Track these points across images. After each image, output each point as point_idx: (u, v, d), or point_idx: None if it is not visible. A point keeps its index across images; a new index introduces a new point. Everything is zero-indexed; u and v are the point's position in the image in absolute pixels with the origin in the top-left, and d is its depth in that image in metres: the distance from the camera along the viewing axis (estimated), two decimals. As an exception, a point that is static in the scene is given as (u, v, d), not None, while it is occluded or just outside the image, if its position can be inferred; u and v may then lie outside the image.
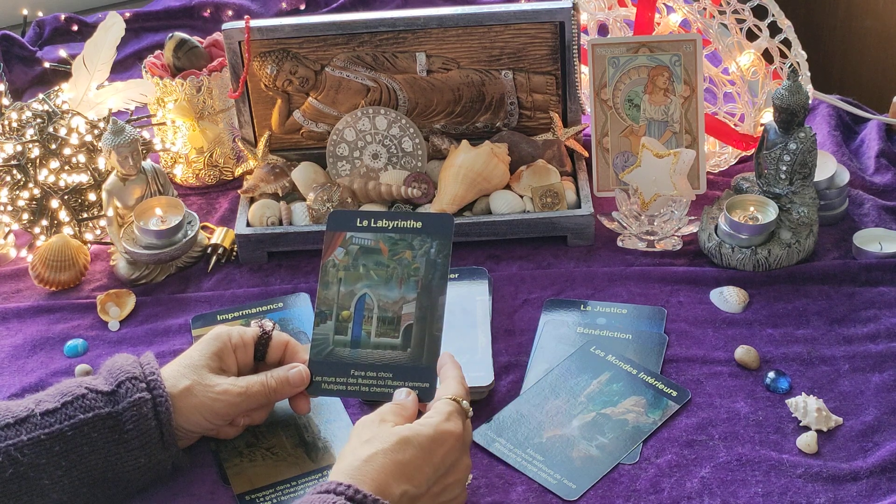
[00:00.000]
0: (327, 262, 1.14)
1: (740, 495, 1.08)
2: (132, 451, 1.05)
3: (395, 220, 1.13)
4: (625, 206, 1.39)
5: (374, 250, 1.13)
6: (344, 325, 1.12)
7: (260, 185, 1.46)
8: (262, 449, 1.14)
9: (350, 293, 1.13)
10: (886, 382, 1.19)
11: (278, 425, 1.17)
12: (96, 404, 1.05)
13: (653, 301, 1.31)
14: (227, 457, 1.13)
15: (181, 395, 1.07)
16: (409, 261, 1.12)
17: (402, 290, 1.11)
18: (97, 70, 1.50)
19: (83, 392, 1.05)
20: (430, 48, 1.46)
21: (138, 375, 1.07)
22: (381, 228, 1.13)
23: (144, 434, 1.05)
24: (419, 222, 1.13)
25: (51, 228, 1.43)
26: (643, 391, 1.19)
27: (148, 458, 1.06)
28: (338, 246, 1.14)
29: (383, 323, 1.11)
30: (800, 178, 1.34)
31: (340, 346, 1.11)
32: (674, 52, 1.41)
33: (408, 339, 1.10)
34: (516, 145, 1.46)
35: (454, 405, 1.02)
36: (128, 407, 1.05)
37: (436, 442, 0.98)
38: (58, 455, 1.02)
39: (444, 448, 0.99)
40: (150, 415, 1.05)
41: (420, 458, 0.97)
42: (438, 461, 0.98)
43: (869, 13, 2.09)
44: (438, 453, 0.98)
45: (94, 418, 1.04)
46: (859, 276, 1.33)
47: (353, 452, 0.98)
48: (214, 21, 1.93)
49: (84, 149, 1.43)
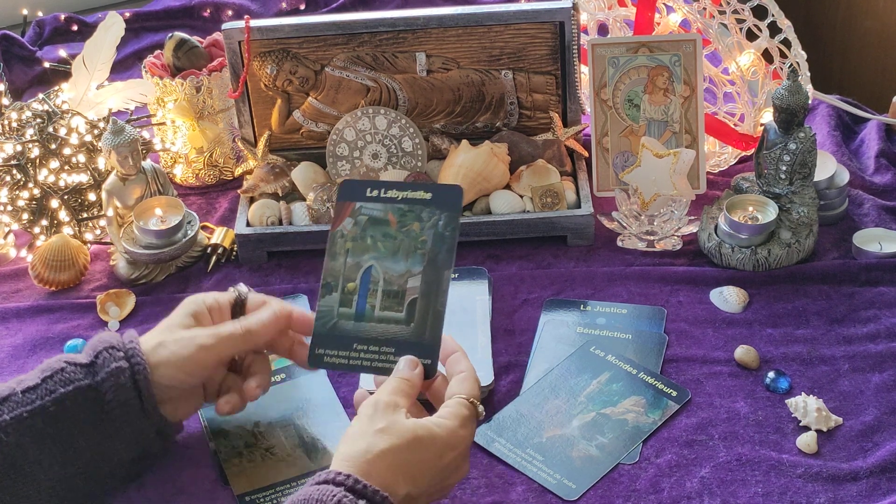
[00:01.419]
0: (335, 233, 1.11)
1: (740, 495, 1.08)
2: (114, 422, 1.04)
3: (404, 191, 1.10)
4: (625, 206, 1.39)
5: (382, 221, 1.10)
6: (349, 297, 1.09)
7: (260, 185, 1.46)
8: (261, 449, 1.14)
9: (356, 265, 1.10)
10: (886, 382, 1.19)
11: (277, 426, 1.17)
12: (76, 377, 1.03)
13: (653, 301, 1.31)
14: (227, 457, 1.13)
15: (153, 350, 1.06)
16: (417, 233, 1.09)
17: (407, 263, 1.08)
18: (97, 70, 1.50)
19: (62, 366, 1.04)
20: (430, 48, 1.46)
21: (116, 345, 1.06)
22: (391, 199, 1.10)
23: (125, 403, 1.04)
24: (428, 193, 1.09)
25: (51, 228, 1.43)
26: (643, 391, 1.19)
27: (131, 428, 1.05)
28: (346, 216, 1.11)
29: (388, 296, 1.08)
30: (800, 178, 1.34)
31: (345, 318, 1.09)
32: (674, 52, 1.41)
33: (412, 313, 1.07)
34: (516, 145, 1.46)
35: (470, 409, 1.01)
36: (106, 377, 1.03)
37: (448, 447, 0.97)
38: (41, 432, 1.01)
39: (453, 453, 0.98)
40: (128, 384, 1.03)
41: (430, 461, 0.97)
42: (445, 465, 0.98)
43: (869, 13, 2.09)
44: (447, 458, 0.98)
45: (74, 391, 1.03)
46: (859, 276, 1.33)
47: (363, 438, 0.96)
48: (214, 21, 1.93)
49: (84, 149, 1.44)
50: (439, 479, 0.98)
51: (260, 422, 1.17)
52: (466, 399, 1.01)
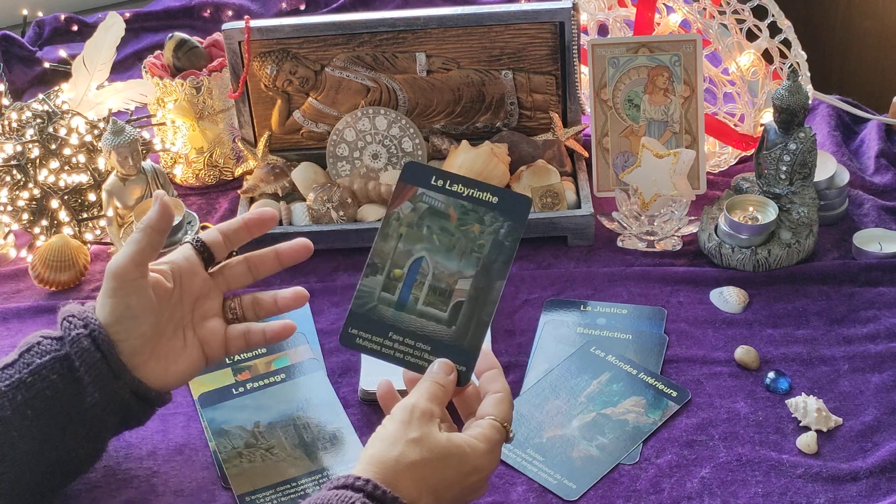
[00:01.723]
0: (391, 214, 1.07)
1: (740, 495, 1.08)
2: (86, 387, 1.04)
3: (471, 189, 1.06)
4: (625, 206, 1.39)
5: (442, 214, 1.06)
6: (394, 283, 1.05)
7: (260, 186, 1.47)
8: (261, 450, 1.14)
9: (407, 252, 1.06)
10: (886, 382, 1.19)
11: (277, 426, 1.17)
12: (51, 348, 1.05)
13: (653, 301, 1.31)
14: (227, 458, 1.13)
15: (102, 304, 1.06)
16: (476, 235, 1.05)
17: (461, 264, 1.04)
18: (97, 70, 1.50)
19: (38, 340, 1.05)
20: (430, 48, 1.46)
21: (75, 313, 1.06)
22: (456, 193, 1.06)
23: (93, 367, 1.04)
24: (496, 197, 1.05)
25: (51, 228, 1.43)
26: (643, 391, 1.19)
27: (102, 391, 1.05)
28: (406, 199, 1.07)
29: (434, 292, 1.05)
30: (800, 179, 1.34)
31: (385, 304, 1.05)
32: (674, 53, 1.41)
33: (455, 315, 1.04)
34: (516, 145, 1.46)
35: (502, 433, 0.99)
36: (71, 345, 1.04)
37: (475, 470, 0.96)
38: (21, 404, 1.02)
39: (478, 476, 0.97)
40: (91, 347, 1.04)
41: (455, 479, 0.96)
42: (469, 485, 0.97)
43: (869, 14, 2.09)
44: (472, 479, 0.97)
45: (50, 361, 1.04)
46: (859, 277, 1.33)
47: (395, 445, 0.94)
48: (214, 21, 1.93)
49: (84, 149, 1.44)
50: (459, 498, 0.98)
51: (260, 422, 1.17)
52: (500, 423, 0.99)
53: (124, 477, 1.12)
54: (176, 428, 1.18)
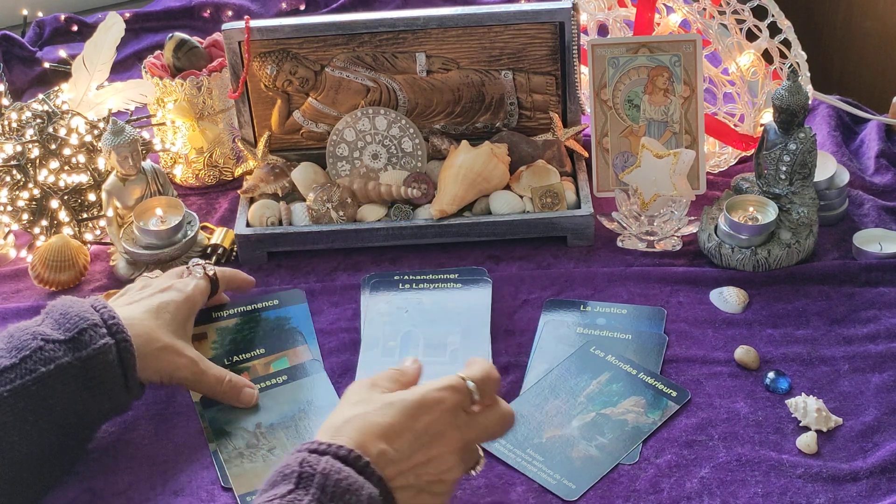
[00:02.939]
0: None
1: (740, 495, 1.08)
2: (96, 397, 1.06)
3: None
4: (625, 206, 1.39)
5: None
6: None
7: (260, 186, 1.46)
8: (263, 450, 1.14)
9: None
10: (886, 383, 1.19)
11: (279, 427, 1.17)
12: (56, 355, 1.04)
13: (653, 301, 1.31)
14: (229, 458, 1.13)
15: (152, 353, 1.10)
16: None
17: None
18: (97, 70, 1.50)
19: (39, 345, 1.04)
20: (430, 48, 1.46)
21: (98, 322, 1.07)
22: None
23: (109, 381, 1.05)
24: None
25: (51, 228, 1.43)
26: (643, 391, 1.19)
27: (111, 402, 1.08)
28: None
29: None
30: (800, 179, 1.34)
31: None
32: (674, 53, 1.41)
33: None
34: (516, 145, 1.46)
35: (455, 379, 0.98)
36: (93, 355, 1.05)
37: (421, 408, 0.95)
38: (24, 410, 1.02)
39: (428, 416, 0.95)
40: (114, 361, 1.05)
41: (401, 422, 0.94)
42: (421, 428, 0.94)
43: (869, 14, 2.09)
44: (422, 420, 0.95)
45: (55, 370, 1.04)
46: (859, 277, 1.33)
47: (333, 415, 0.97)
48: (214, 21, 1.93)
49: (84, 149, 1.44)
50: (420, 444, 0.94)
51: (262, 423, 1.17)
52: (458, 375, 0.99)
53: (124, 477, 1.12)
54: (176, 428, 1.18)
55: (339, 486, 0.88)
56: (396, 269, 1.38)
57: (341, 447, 0.91)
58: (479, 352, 1.23)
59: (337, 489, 0.88)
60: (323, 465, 0.89)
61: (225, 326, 1.29)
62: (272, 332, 1.28)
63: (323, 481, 0.88)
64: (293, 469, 0.89)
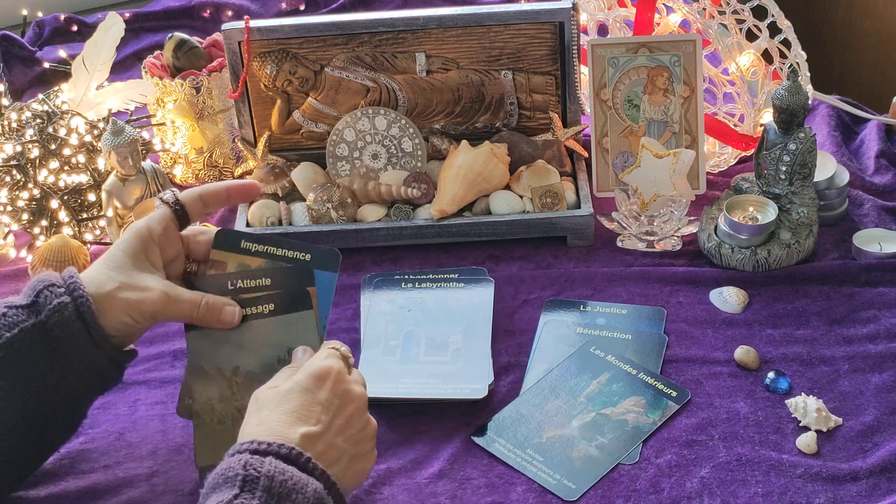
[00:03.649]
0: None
1: (740, 495, 1.08)
2: (65, 356, 1.04)
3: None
4: (624, 206, 1.39)
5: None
6: None
7: (260, 186, 1.46)
8: (233, 409, 1.10)
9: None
10: (886, 383, 1.19)
11: (255, 378, 1.10)
12: (18, 319, 1.04)
13: (652, 301, 1.31)
14: (202, 409, 1.10)
15: (108, 296, 1.06)
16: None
17: None
18: (97, 70, 1.50)
19: (3, 311, 1.04)
20: (430, 48, 1.46)
21: (56, 282, 1.06)
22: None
23: (72, 337, 1.04)
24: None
25: (50, 228, 1.43)
26: (643, 391, 1.19)
27: (81, 361, 1.05)
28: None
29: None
30: (799, 179, 1.34)
31: None
32: (673, 53, 1.41)
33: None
34: (516, 145, 1.46)
35: (328, 350, 1.04)
36: (50, 314, 1.04)
37: (315, 379, 0.99)
38: None
39: (325, 383, 0.99)
40: (73, 317, 1.04)
41: (306, 399, 0.98)
42: (325, 397, 0.99)
43: (869, 14, 2.09)
44: (323, 389, 0.99)
45: (20, 333, 1.03)
46: (859, 277, 1.33)
47: (247, 423, 0.98)
48: (214, 21, 1.93)
49: (84, 149, 1.44)
50: (333, 410, 0.98)
51: (240, 368, 1.11)
52: (328, 346, 1.05)
53: (124, 477, 1.12)
54: (176, 428, 1.18)
55: (284, 486, 0.90)
56: (396, 269, 1.38)
57: (282, 445, 0.92)
58: (480, 351, 1.23)
59: (283, 489, 0.90)
60: (267, 468, 0.90)
61: (247, 265, 1.17)
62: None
63: (268, 483, 0.90)
64: (237, 472, 0.90)
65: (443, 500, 1.09)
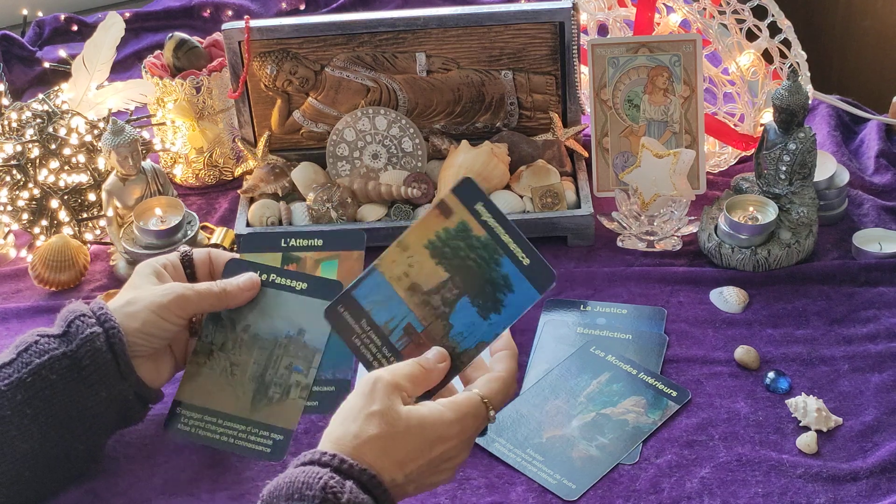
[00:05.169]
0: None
1: (740, 495, 1.08)
2: (92, 386, 1.05)
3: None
4: (625, 206, 1.39)
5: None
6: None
7: (260, 185, 1.46)
8: (228, 362, 1.11)
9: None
10: (886, 382, 1.19)
11: (257, 344, 1.12)
12: (50, 347, 1.05)
13: (653, 301, 1.31)
14: (199, 348, 1.12)
15: (122, 307, 1.08)
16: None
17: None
18: (97, 70, 1.50)
19: (35, 339, 1.06)
20: (430, 48, 1.46)
21: (86, 312, 1.07)
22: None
23: (101, 367, 1.05)
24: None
25: (51, 228, 1.43)
26: (643, 391, 1.19)
27: (108, 391, 1.06)
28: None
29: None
30: (799, 179, 1.34)
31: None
32: (673, 53, 1.41)
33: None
34: (516, 145, 1.46)
35: (478, 408, 0.96)
36: (81, 343, 1.05)
37: (439, 439, 0.93)
38: (21, 403, 1.03)
39: (443, 446, 0.94)
40: (103, 347, 1.05)
41: (418, 448, 0.93)
42: (435, 457, 0.94)
43: (868, 13, 2.09)
44: (437, 450, 0.94)
45: (49, 360, 1.04)
46: (859, 277, 1.33)
47: (354, 421, 0.92)
48: (214, 21, 1.93)
49: (84, 149, 1.44)
50: (428, 470, 0.94)
51: (250, 327, 1.12)
52: (480, 397, 0.96)
53: (124, 477, 1.12)
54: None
55: None
56: (396, 269, 1.38)
57: (364, 471, 0.89)
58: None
59: None
60: (347, 497, 0.87)
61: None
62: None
63: None
64: (315, 493, 0.87)
65: (442, 500, 1.09)
